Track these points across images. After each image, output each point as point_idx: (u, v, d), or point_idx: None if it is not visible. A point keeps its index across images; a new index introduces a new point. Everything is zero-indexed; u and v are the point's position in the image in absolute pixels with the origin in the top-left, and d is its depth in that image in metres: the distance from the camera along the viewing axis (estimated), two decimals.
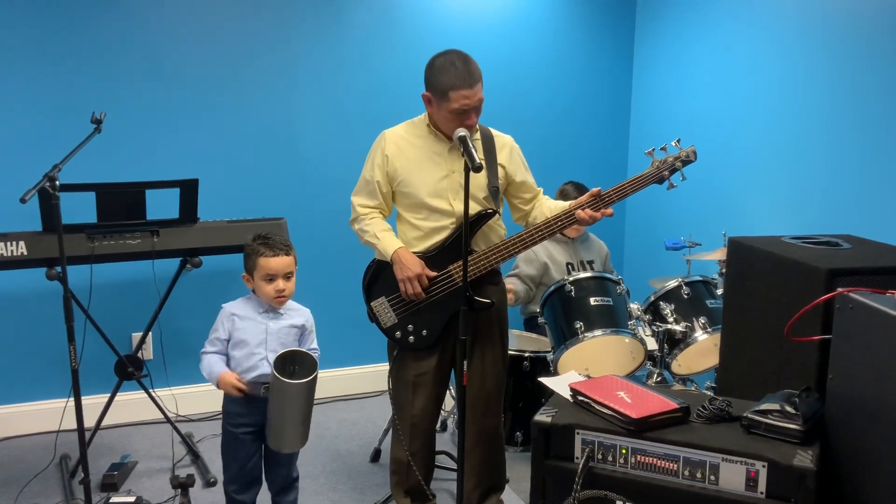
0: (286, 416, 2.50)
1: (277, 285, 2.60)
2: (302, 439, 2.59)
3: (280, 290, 2.61)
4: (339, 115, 4.17)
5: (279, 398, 2.47)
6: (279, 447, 2.59)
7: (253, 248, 2.62)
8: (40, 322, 3.71)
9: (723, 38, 4.12)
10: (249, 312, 2.65)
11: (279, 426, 2.53)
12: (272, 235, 2.66)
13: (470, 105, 2.55)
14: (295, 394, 2.45)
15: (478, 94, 2.56)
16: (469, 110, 2.56)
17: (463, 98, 2.53)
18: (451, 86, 2.53)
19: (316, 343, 2.76)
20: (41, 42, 3.59)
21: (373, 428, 3.91)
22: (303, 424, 2.54)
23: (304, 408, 2.50)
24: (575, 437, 1.95)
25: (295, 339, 2.68)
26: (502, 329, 2.88)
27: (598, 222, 2.68)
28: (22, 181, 2.78)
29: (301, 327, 2.70)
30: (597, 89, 4.80)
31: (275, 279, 2.60)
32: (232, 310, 2.66)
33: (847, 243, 2.46)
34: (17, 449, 3.65)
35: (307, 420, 2.55)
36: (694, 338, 3.33)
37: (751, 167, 3.95)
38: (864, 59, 3.29)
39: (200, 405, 4.05)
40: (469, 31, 4.33)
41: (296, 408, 2.48)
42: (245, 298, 2.70)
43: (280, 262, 2.60)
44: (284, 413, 2.49)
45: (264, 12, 3.96)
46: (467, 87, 2.53)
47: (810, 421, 1.84)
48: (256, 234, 2.68)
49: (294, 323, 2.68)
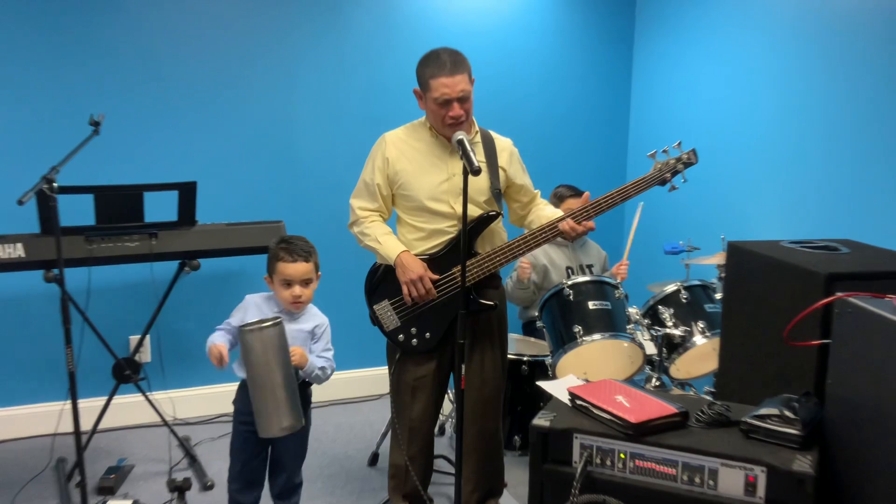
0: (260, 377, 2.40)
1: (294, 291, 2.62)
2: (287, 411, 2.44)
3: (296, 295, 2.62)
4: (337, 118, 4.17)
5: (248, 356, 2.40)
6: (266, 427, 2.46)
7: (274, 251, 2.64)
8: (38, 324, 3.70)
9: (721, 43, 4.12)
10: (264, 309, 2.67)
11: (257, 394, 2.43)
12: (294, 240, 2.67)
13: (451, 95, 2.54)
14: (258, 343, 2.37)
15: (459, 84, 2.55)
16: (451, 100, 2.56)
17: (443, 86, 2.54)
18: (432, 74, 2.55)
19: (330, 353, 2.73)
20: (39, 44, 3.59)
21: (371, 432, 3.91)
22: (281, 387, 2.41)
23: (276, 363, 2.40)
24: (573, 441, 1.94)
25: (304, 342, 2.66)
26: (501, 332, 2.88)
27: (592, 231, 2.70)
28: (20, 183, 2.78)
29: (311, 332, 2.69)
30: (596, 93, 4.80)
31: (291, 284, 2.61)
32: (254, 300, 2.69)
33: (846, 248, 2.46)
34: (14, 452, 3.64)
35: (286, 384, 2.42)
36: (693, 342, 3.32)
37: (749, 171, 3.95)
38: (863, 63, 3.30)
39: (198, 408, 4.04)
40: (468, 34, 4.34)
41: (265, 363, 2.39)
42: (269, 295, 2.71)
43: (297, 269, 2.61)
44: (259, 374, 2.40)
45: (262, 15, 3.97)
46: (447, 75, 2.53)
47: (809, 426, 1.83)
48: (280, 238, 2.70)
49: (304, 327, 2.67)
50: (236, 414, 2.70)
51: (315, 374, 2.65)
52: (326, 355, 2.71)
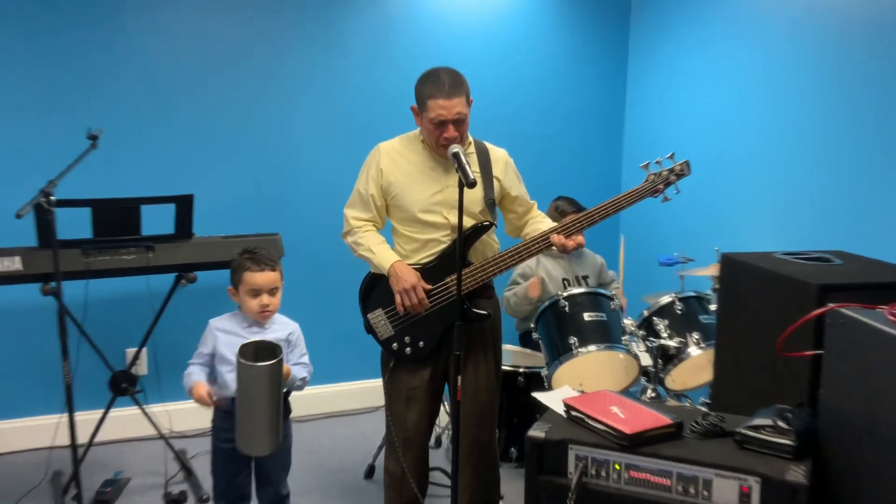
0: (252, 407, 2.40)
1: (262, 300, 2.61)
2: (271, 436, 2.45)
3: (265, 305, 2.61)
4: (334, 131, 4.19)
5: (243, 386, 2.39)
6: (249, 448, 2.48)
7: (239, 262, 2.62)
8: (34, 337, 3.70)
9: (716, 54, 4.16)
10: (234, 327, 2.65)
11: (246, 420, 2.43)
12: (259, 250, 2.65)
13: (446, 116, 2.55)
14: (257, 378, 2.36)
15: (455, 106, 2.55)
16: (446, 122, 2.56)
17: (439, 108, 2.54)
18: (430, 94, 2.56)
19: (306, 357, 2.74)
20: (37, 58, 3.60)
21: (366, 444, 3.90)
22: (269, 415, 2.42)
23: (269, 397, 2.39)
24: (568, 452, 1.95)
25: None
26: (495, 342, 2.88)
27: (582, 246, 2.71)
28: (17, 196, 2.78)
29: (286, 340, 2.68)
30: (591, 104, 4.83)
31: (259, 294, 2.60)
32: (217, 325, 2.67)
33: (838, 259, 2.47)
34: (10, 465, 3.63)
35: (274, 413, 2.43)
36: (687, 353, 3.34)
37: (743, 183, 3.97)
38: (857, 74, 3.32)
39: (194, 421, 4.03)
40: (465, 46, 4.37)
41: (260, 396, 2.38)
42: (231, 314, 2.70)
43: (265, 278, 2.60)
44: (251, 404, 2.40)
45: (260, 28, 3.99)
46: (444, 97, 2.54)
47: (803, 436, 1.84)
48: (244, 249, 2.68)
49: (278, 336, 2.65)
50: (217, 431, 2.66)
51: (296, 385, 2.66)
52: (304, 360, 2.72)
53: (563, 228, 2.68)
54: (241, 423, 2.46)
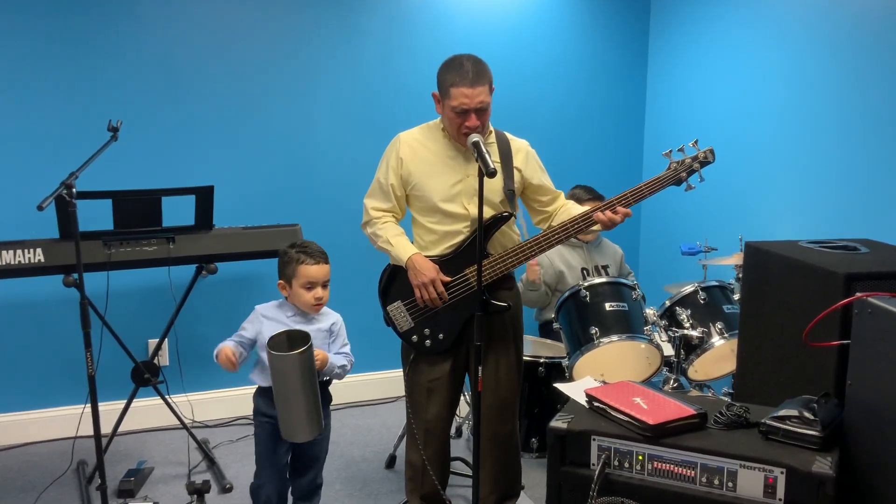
0: (288, 394, 2.47)
1: (317, 293, 2.66)
2: (310, 422, 2.52)
3: (319, 297, 2.66)
4: (353, 122, 4.18)
5: (277, 376, 2.46)
6: (291, 434, 2.55)
7: (292, 255, 2.66)
8: (57, 329, 3.73)
9: (736, 42, 4.10)
10: (278, 315, 2.70)
11: (283, 407, 2.50)
12: (309, 243, 2.71)
13: (469, 105, 2.53)
14: (289, 367, 2.42)
15: (479, 95, 2.53)
16: (469, 110, 2.54)
17: (462, 96, 2.52)
18: (453, 82, 2.54)
19: (347, 347, 2.79)
20: (58, 51, 3.62)
21: (387, 434, 3.91)
22: (306, 402, 2.48)
23: (302, 384, 2.45)
24: (591, 443, 1.94)
25: (323, 342, 2.70)
26: (517, 334, 2.87)
27: (616, 227, 2.66)
28: (39, 189, 2.81)
29: (328, 331, 2.72)
30: (611, 92, 4.79)
31: (314, 287, 2.65)
32: (263, 311, 2.72)
33: (865, 247, 2.44)
34: (35, 455, 3.67)
35: (311, 399, 2.49)
36: (711, 343, 3.31)
37: (767, 171, 3.93)
38: (878, 60, 3.27)
39: (216, 411, 4.06)
40: (483, 35, 4.34)
41: (293, 383, 2.44)
42: (278, 303, 2.74)
43: (320, 270, 2.66)
44: (286, 391, 2.47)
45: (279, 20, 3.98)
46: (467, 86, 2.52)
47: (829, 427, 1.82)
48: (293, 242, 2.74)
49: (321, 327, 2.71)
50: (255, 411, 2.72)
51: (335, 373, 2.70)
52: (345, 350, 2.77)
53: (576, 220, 2.65)
54: (280, 412, 2.52)
